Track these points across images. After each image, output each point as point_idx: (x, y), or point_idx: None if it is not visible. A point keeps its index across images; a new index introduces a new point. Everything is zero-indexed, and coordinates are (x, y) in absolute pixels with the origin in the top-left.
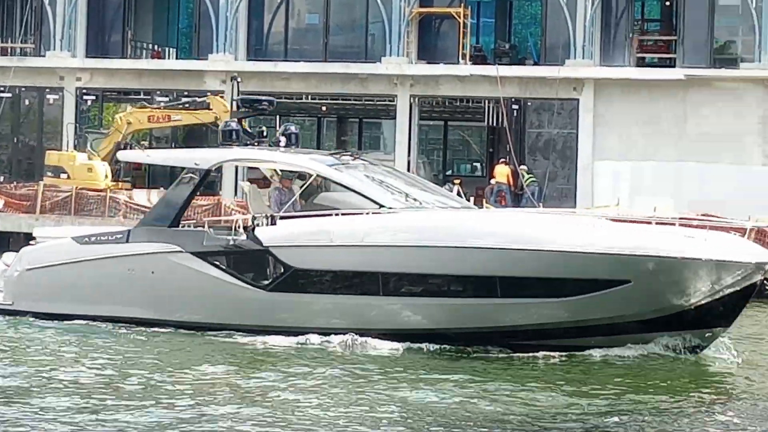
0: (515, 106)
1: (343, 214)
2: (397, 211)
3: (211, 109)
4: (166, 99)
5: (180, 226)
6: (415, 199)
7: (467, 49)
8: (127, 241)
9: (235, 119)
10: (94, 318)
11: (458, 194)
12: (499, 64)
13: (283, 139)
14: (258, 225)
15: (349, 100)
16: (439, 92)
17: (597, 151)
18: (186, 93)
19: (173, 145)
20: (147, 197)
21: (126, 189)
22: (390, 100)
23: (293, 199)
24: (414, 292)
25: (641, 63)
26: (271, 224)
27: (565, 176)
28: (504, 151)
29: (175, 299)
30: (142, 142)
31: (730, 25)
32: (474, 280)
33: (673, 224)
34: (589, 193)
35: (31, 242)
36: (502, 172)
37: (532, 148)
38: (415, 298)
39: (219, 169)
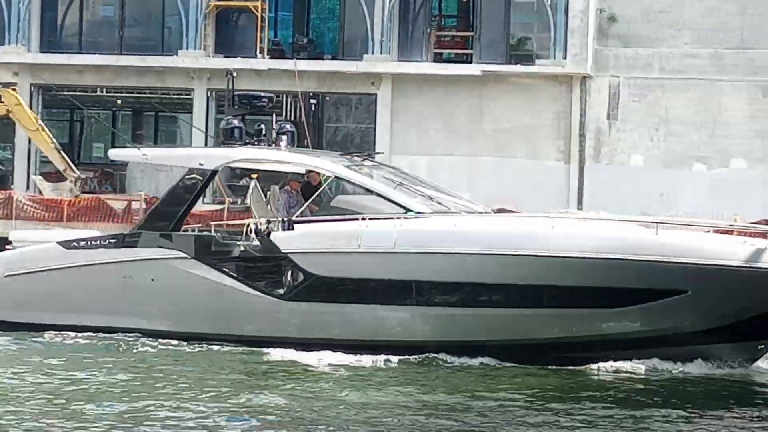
0: (313, 101)
1: (370, 219)
2: (427, 216)
3: (3, 102)
4: None
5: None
6: (439, 203)
7: (265, 43)
8: (122, 246)
9: (235, 116)
10: (84, 329)
11: (255, 188)
12: (297, 59)
13: (284, 138)
14: (273, 230)
15: (145, 93)
16: (237, 86)
17: (395, 146)
18: None
19: None
20: None
21: None
22: (187, 94)
23: (307, 203)
24: (452, 302)
25: (438, 59)
26: (288, 229)
27: None
28: (302, 145)
29: (178, 308)
30: None
31: (526, 22)
32: (518, 289)
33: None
34: None
35: (7, 246)
36: None
37: (330, 143)
38: (454, 309)
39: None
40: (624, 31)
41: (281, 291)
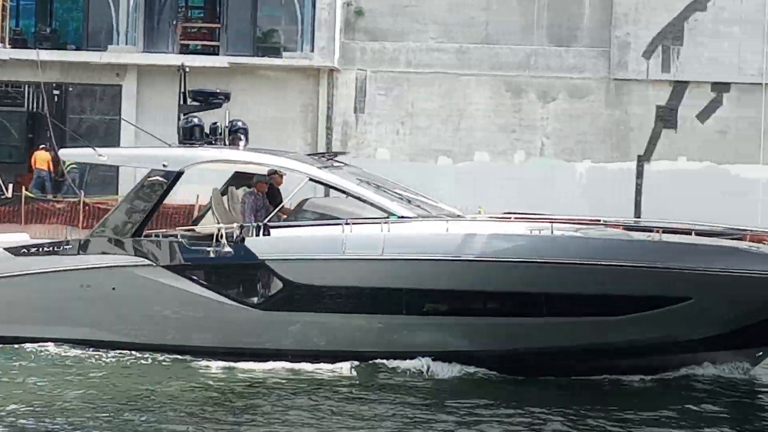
0: (56, 92)
1: (353, 223)
2: (412, 221)
3: None
4: None
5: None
6: (419, 206)
7: (7, 32)
8: (79, 253)
9: (193, 113)
10: (34, 340)
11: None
12: (39, 49)
13: (243, 137)
14: (247, 235)
15: None
16: None
17: (140, 138)
18: None
19: None
20: None
21: None
22: None
23: (279, 207)
24: (444, 311)
25: (185, 50)
26: (264, 234)
27: None
28: (45, 137)
29: (142, 319)
30: None
31: (274, 14)
32: (516, 297)
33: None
34: (130, 180)
35: None
36: (42, 159)
37: (74, 134)
38: (447, 318)
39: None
40: (371, 24)
41: (256, 300)
